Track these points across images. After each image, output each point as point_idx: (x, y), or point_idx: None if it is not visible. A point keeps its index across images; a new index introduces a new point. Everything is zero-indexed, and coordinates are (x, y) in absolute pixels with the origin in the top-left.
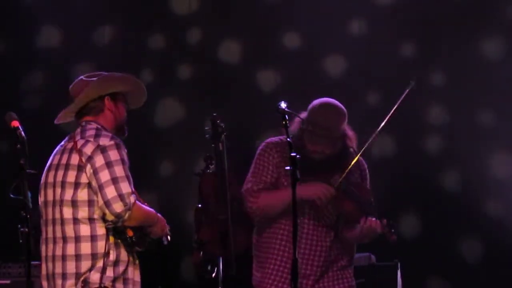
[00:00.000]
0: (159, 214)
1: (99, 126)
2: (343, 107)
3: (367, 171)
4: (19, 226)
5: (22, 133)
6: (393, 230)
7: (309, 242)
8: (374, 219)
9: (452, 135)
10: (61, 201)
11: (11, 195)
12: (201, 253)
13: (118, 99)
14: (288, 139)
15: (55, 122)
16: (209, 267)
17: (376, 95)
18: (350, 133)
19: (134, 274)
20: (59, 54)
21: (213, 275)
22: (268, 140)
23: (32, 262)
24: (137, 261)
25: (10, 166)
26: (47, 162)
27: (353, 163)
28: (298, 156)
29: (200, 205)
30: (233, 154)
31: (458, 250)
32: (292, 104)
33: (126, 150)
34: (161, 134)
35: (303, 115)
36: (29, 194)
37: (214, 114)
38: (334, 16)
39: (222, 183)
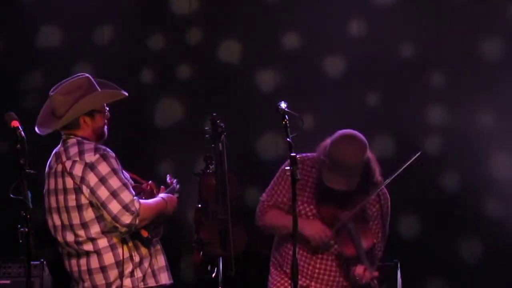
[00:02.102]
0: (164, 195)
1: (79, 139)
2: (364, 140)
3: (388, 204)
4: (19, 226)
5: (22, 133)
6: (380, 284)
7: (323, 266)
8: (363, 268)
9: (452, 136)
10: (71, 226)
11: (11, 195)
12: (201, 253)
13: (95, 112)
14: (288, 139)
15: (43, 133)
16: (209, 267)
17: (376, 95)
18: (373, 165)
19: (158, 262)
20: (59, 54)
21: (213, 275)
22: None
23: (32, 262)
24: (157, 247)
25: (10, 166)
26: (46, 163)
27: (358, 206)
28: (298, 156)
29: (200, 205)
30: (233, 154)
31: (458, 250)
32: (292, 104)
33: (113, 155)
34: (161, 134)
35: (324, 144)
36: (29, 194)
37: (214, 114)
38: (334, 16)
39: (222, 183)
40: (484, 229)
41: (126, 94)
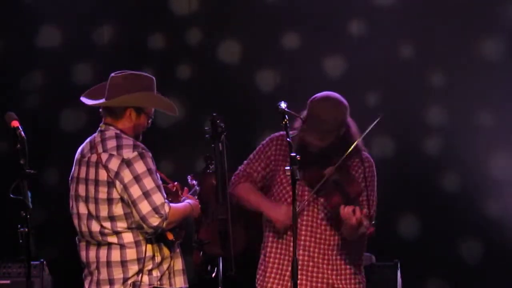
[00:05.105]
0: (191, 201)
1: (117, 132)
2: (343, 100)
3: (372, 168)
4: (19, 226)
5: (22, 133)
6: (372, 222)
7: (309, 233)
8: (352, 207)
9: (452, 135)
10: (97, 217)
11: (11, 195)
12: (201, 253)
13: (143, 112)
14: (288, 139)
15: (87, 103)
16: (209, 267)
17: (376, 95)
18: (353, 130)
19: (176, 265)
20: (59, 54)
21: (213, 275)
22: (278, 133)
23: (32, 262)
24: (177, 250)
25: (10, 166)
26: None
27: (339, 161)
28: (298, 156)
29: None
30: (233, 154)
31: (458, 250)
32: (292, 104)
33: (150, 154)
34: (161, 134)
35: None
36: (29, 194)
37: (214, 114)
38: (334, 16)
39: (222, 183)
40: (484, 229)
41: (176, 113)
